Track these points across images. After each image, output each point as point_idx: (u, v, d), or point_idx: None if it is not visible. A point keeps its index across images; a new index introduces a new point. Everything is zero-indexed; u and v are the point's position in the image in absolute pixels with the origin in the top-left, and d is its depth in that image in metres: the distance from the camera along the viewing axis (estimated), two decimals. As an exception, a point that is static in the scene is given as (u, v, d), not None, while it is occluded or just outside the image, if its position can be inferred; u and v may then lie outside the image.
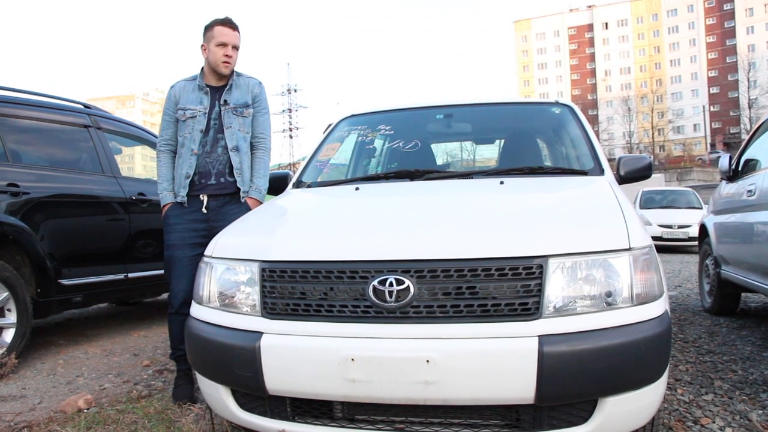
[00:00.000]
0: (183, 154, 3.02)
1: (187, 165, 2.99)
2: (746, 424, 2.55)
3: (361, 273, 1.79)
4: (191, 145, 3.00)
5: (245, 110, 3.08)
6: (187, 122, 3.02)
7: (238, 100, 3.07)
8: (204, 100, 3.04)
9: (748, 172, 4.39)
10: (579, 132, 3.10)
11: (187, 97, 3.04)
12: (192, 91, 3.05)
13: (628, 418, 1.76)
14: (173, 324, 2.99)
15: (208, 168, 3.02)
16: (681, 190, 15.93)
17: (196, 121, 3.01)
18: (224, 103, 3.05)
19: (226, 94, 3.05)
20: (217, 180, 3.03)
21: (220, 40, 2.98)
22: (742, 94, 68.27)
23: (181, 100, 3.04)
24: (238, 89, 3.09)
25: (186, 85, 3.07)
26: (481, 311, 1.70)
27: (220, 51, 2.97)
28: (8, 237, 3.62)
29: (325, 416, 1.87)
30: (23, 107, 4.10)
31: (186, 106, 3.03)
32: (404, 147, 3.30)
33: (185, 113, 3.02)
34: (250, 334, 1.86)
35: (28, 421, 2.70)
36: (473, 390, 1.66)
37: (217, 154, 3.03)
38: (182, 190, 3.00)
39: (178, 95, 3.05)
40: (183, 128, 3.03)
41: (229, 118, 3.04)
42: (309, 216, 2.48)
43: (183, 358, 3.01)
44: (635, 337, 1.68)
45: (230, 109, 3.05)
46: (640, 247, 1.81)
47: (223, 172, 3.03)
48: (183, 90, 3.06)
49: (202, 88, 3.05)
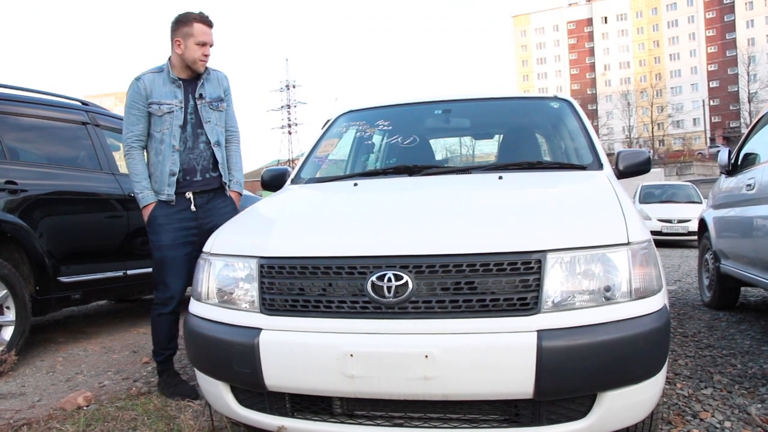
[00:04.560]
0: (163, 151, 2.92)
1: (170, 162, 2.92)
2: (745, 418, 2.55)
3: (360, 269, 1.79)
4: (172, 141, 2.92)
5: (220, 104, 3.08)
6: (164, 117, 2.91)
7: (212, 94, 3.05)
8: (178, 93, 2.95)
9: (748, 166, 4.39)
10: (578, 126, 3.09)
11: (159, 90, 2.92)
12: (163, 85, 2.93)
13: (627, 413, 1.76)
14: (163, 323, 2.98)
15: (192, 164, 2.99)
16: (680, 185, 15.92)
17: (174, 116, 2.92)
18: (200, 97, 3.00)
19: (200, 88, 3.00)
20: (202, 176, 3.01)
21: (201, 39, 2.90)
22: (741, 88, 68.22)
23: (154, 94, 2.91)
24: (209, 83, 3.05)
25: (155, 78, 2.94)
26: (480, 306, 1.70)
27: (199, 50, 2.90)
28: (6, 234, 3.61)
29: (324, 412, 1.87)
30: (21, 104, 4.09)
31: (160, 100, 2.91)
32: (403, 142, 3.29)
33: (161, 108, 2.91)
34: (248, 330, 1.86)
35: (27, 418, 2.70)
36: (472, 385, 1.66)
37: (200, 150, 3.00)
38: (168, 188, 2.93)
39: (148, 88, 2.90)
40: (159, 124, 2.92)
41: (207, 113, 3.01)
42: (307, 212, 2.48)
43: (169, 358, 3.04)
44: (634, 332, 1.69)
45: (206, 103, 3.02)
46: (638, 241, 1.81)
47: (207, 167, 3.02)
48: (153, 83, 2.92)
49: (174, 81, 2.95)
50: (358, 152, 3.63)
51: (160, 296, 2.98)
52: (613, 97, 77.37)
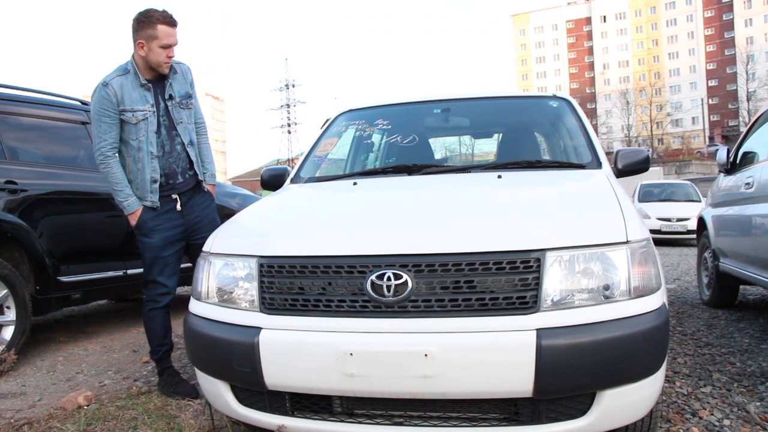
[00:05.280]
0: (142, 159, 2.88)
1: (150, 169, 2.90)
2: (744, 416, 2.56)
3: (359, 268, 1.79)
4: (149, 149, 2.89)
5: (189, 101, 3.05)
6: (139, 125, 2.86)
7: (180, 92, 3.01)
8: (148, 97, 2.89)
9: (746, 165, 4.39)
10: (576, 125, 3.09)
11: (130, 95, 2.84)
12: (133, 89, 2.85)
13: (626, 411, 1.77)
14: (157, 318, 3.03)
15: (173, 168, 3.00)
16: (679, 183, 15.92)
17: (149, 122, 2.88)
18: (170, 98, 2.96)
19: (169, 89, 2.96)
20: (183, 178, 3.04)
21: (166, 41, 2.82)
22: (740, 87, 68.22)
23: (125, 100, 2.83)
24: (176, 81, 3.00)
25: (124, 83, 2.84)
26: (479, 305, 1.70)
27: (163, 53, 2.82)
28: (7, 234, 3.62)
29: (324, 411, 1.87)
30: (20, 104, 4.09)
31: (133, 107, 2.84)
32: (402, 141, 3.29)
33: (135, 115, 2.84)
34: (248, 329, 1.86)
35: (28, 418, 2.70)
36: (472, 384, 1.67)
37: (177, 153, 3.00)
38: (152, 195, 2.92)
39: (118, 94, 2.81)
40: (134, 131, 2.86)
41: (178, 113, 2.99)
42: (307, 211, 2.48)
43: (166, 354, 3.08)
44: (633, 330, 1.69)
45: (176, 103, 2.99)
46: (637, 240, 1.81)
47: (186, 169, 3.05)
48: (122, 88, 2.82)
49: (143, 84, 2.88)
50: (358, 151, 3.63)
51: (152, 293, 3.03)
52: (612, 95, 77.37)
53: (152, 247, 2.96)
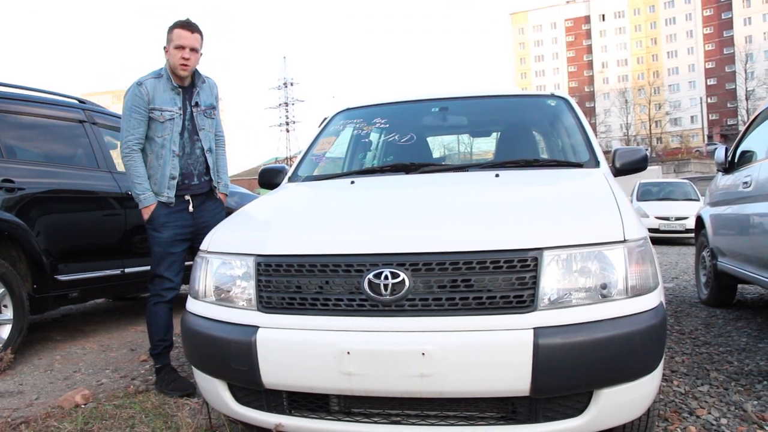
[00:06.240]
0: (164, 156, 3.05)
1: (170, 166, 3.05)
2: (741, 415, 2.56)
3: (357, 266, 1.79)
4: (172, 147, 3.05)
5: (213, 112, 3.24)
6: (166, 124, 3.03)
7: (206, 101, 3.20)
8: (177, 101, 3.08)
9: (744, 164, 4.39)
10: (574, 124, 3.09)
11: (161, 97, 3.03)
12: (164, 91, 3.04)
13: (623, 410, 1.77)
14: (160, 312, 3.10)
15: (190, 169, 3.14)
16: (678, 182, 15.94)
17: (175, 122, 3.05)
18: (195, 105, 3.14)
19: (196, 96, 3.15)
20: (198, 180, 3.18)
21: (178, 42, 2.99)
22: (739, 86, 68.33)
23: (156, 100, 3.01)
24: (204, 91, 3.19)
25: (156, 84, 3.04)
26: (477, 304, 1.70)
27: (177, 54, 2.99)
28: (3, 233, 3.61)
29: (321, 410, 1.87)
30: (18, 102, 4.08)
31: (162, 107, 3.02)
32: (400, 140, 3.29)
33: (163, 114, 3.02)
34: (246, 328, 1.86)
35: (25, 416, 2.70)
36: (469, 383, 1.66)
37: (196, 156, 3.16)
38: (168, 191, 3.06)
39: (150, 94, 3.00)
40: (160, 129, 3.03)
41: (202, 120, 3.16)
42: (304, 210, 2.48)
43: (165, 351, 3.13)
44: (630, 329, 1.69)
45: (201, 111, 3.16)
46: (634, 239, 1.81)
47: (202, 172, 3.19)
48: (155, 89, 3.02)
49: (174, 88, 3.06)
50: (356, 150, 3.63)
51: (158, 288, 3.11)
52: (610, 94, 77.43)
53: (162, 241, 3.06)
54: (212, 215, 3.18)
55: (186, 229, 3.11)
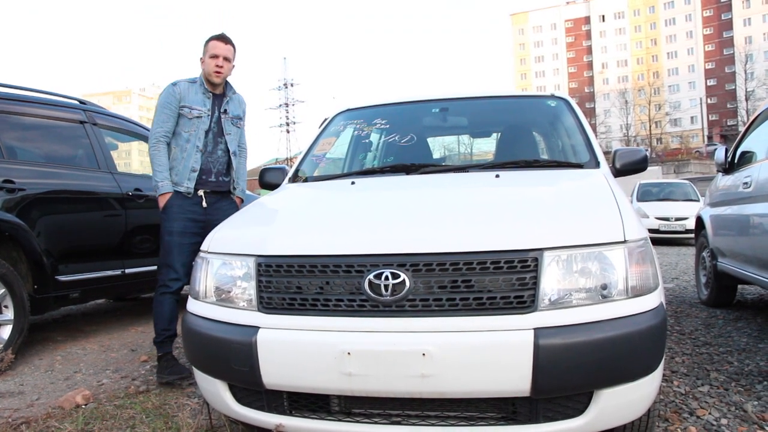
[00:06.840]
0: (188, 149, 3.27)
1: (193, 160, 3.27)
2: (742, 415, 2.56)
3: (357, 267, 1.79)
4: (197, 142, 3.28)
5: (239, 122, 3.49)
6: (193, 120, 3.28)
7: (234, 111, 3.45)
8: (207, 103, 3.33)
9: (744, 165, 4.39)
10: (574, 125, 3.09)
11: (192, 97, 3.29)
12: (196, 94, 3.31)
13: (623, 410, 1.77)
14: (166, 302, 3.23)
15: (209, 166, 3.35)
16: (678, 183, 15.94)
17: (202, 121, 3.30)
18: (224, 111, 3.39)
19: (225, 104, 3.40)
20: (216, 178, 3.37)
21: (213, 52, 3.28)
22: (739, 86, 68.33)
23: (187, 99, 3.27)
24: (233, 102, 3.45)
25: (189, 87, 3.31)
26: (477, 304, 1.70)
27: (212, 62, 3.27)
28: (4, 234, 3.61)
29: (322, 410, 1.87)
30: (18, 103, 4.08)
31: (192, 105, 3.28)
32: (400, 141, 3.29)
33: (192, 111, 3.28)
34: (246, 328, 1.86)
35: (26, 417, 2.70)
36: (469, 383, 1.66)
37: (218, 155, 3.38)
38: (188, 182, 3.27)
39: (182, 93, 3.27)
40: (188, 125, 3.28)
41: (228, 126, 3.41)
42: (305, 210, 2.48)
43: (168, 340, 3.25)
44: (630, 330, 1.69)
45: (229, 118, 3.41)
46: (635, 239, 1.81)
47: (221, 172, 3.40)
48: (187, 90, 3.29)
49: (206, 92, 3.33)
50: (356, 151, 3.63)
51: (165, 278, 3.24)
52: (610, 95, 77.44)
53: (173, 231, 3.22)
54: (225, 215, 3.18)
55: (197, 223, 3.25)
